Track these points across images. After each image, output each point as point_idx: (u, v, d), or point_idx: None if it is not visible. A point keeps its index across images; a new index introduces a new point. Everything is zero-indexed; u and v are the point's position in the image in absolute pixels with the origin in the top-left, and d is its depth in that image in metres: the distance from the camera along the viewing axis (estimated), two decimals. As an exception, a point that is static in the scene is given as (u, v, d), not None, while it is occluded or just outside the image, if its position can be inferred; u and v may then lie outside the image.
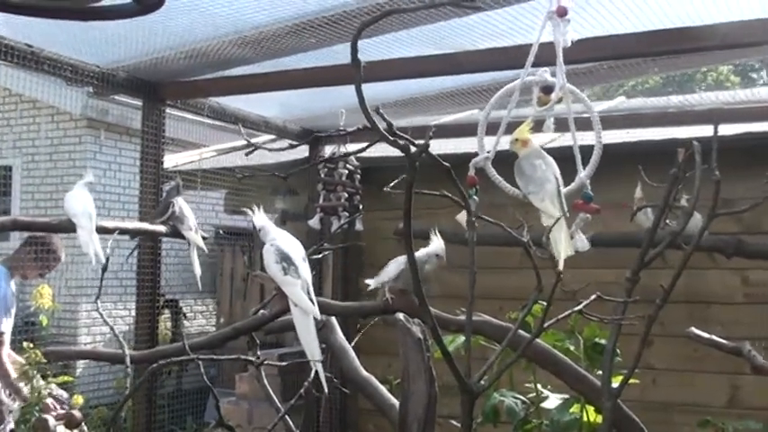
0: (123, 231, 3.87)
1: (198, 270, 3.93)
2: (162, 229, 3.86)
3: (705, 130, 3.77)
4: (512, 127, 2.50)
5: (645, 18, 3.14)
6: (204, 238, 3.96)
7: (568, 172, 2.45)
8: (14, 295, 4.41)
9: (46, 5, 1.43)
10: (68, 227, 3.41)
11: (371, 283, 2.53)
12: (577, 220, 2.48)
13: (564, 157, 2.48)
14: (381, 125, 1.60)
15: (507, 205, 2.33)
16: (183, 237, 3.91)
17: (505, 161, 2.50)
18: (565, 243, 2.28)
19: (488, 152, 2.53)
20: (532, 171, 2.38)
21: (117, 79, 3.87)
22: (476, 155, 2.56)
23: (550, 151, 2.46)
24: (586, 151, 2.48)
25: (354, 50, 1.47)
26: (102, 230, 3.45)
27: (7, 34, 3.36)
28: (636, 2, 3.03)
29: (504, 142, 2.54)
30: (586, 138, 2.53)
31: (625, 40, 3.16)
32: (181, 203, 3.88)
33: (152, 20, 3.24)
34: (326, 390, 2.24)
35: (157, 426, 4.31)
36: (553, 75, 2.50)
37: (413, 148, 1.58)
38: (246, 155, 1.78)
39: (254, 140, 5.16)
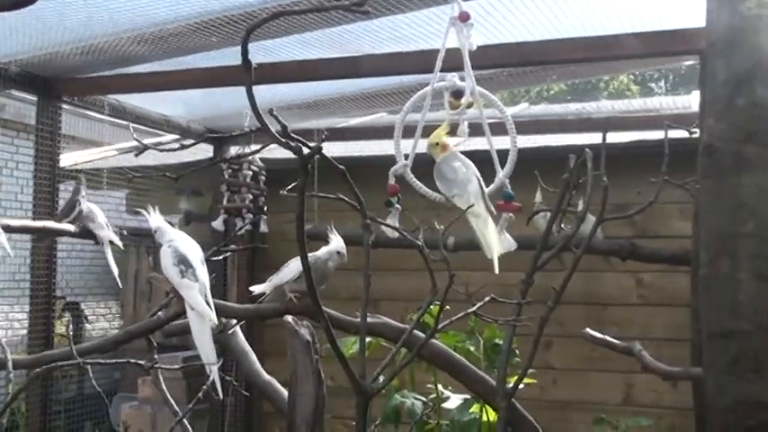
0: (28, 230, 3.72)
1: (115, 269, 3.80)
2: (71, 228, 3.72)
3: (600, 138, 3.91)
4: (426, 131, 2.55)
5: (542, 27, 3.23)
6: (121, 236, 3.83)
7: (485, 175, 2.49)
8: None
9: None
10: None
11: (263, 288, 2.49)
12: (501, 220, 2.53)
13: (479, 160, 2.53)
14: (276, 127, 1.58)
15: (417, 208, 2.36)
16: (92, 236, 3.78)
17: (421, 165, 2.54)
18: (496, 241, 2.33)
19: (406, 155, 2.55)
20: (453, 174, 2.41)
21: (9, 74, 3.72)
22: (383, 157, 2.59)
23: (466, 155, 2.50)
24: (501, 155, 2.54)
25: (245, 52, 1.45)
26: (6, 229, 3.29)
27: None
28: (536, 13, 3.11)
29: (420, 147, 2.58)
30: (497, 140, 2.59)
31: (523, 48, 3.23)
32: (87, 202, 3.75)
33: (47, 13, 3.15)
34: (221, 394, 2.21)
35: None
36: (462, 79, 2.55)
37: (306, 151, 1.57)
38: (136, 155, 1.74)
39: (157, 140, 5.07)
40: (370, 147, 5.07)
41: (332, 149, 4.91)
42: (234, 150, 4.98)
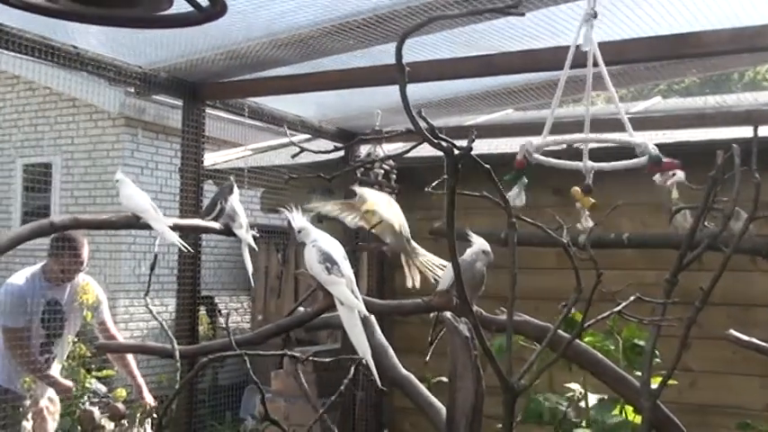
0: (178, 228, 3.90)
1: (250, 268, 3.91)
2: (216, 226, 3.83)
3: (743, 132, 3.75)
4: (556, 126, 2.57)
5: (682, 19, 3.15)
6: (255, 238, 3.96)
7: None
8: (40, 294, 4.24)
9: (112, 15, 1.48)
10: (129, 223, 3.39)
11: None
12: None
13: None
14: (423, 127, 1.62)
15: (545, 206, 2.37)
16: (235, 235, 3.89)
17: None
18: None
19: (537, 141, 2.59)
20: None
21: (158, 80, 3.94)
22: (512, 155, 2.61)
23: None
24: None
25: (399, 55, 1.50)
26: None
27: (50, 35, 3.42)
28: (677, 4, 3.03)
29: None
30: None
31: (664, 41, 3.15)
32: (233, 202, 3.86)
33: (192, 22, 3.31)
34: (379, 385, 2.28)
35: (198, 420, 4.37)
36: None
37: (455, 151, 1.60)
38: (293, 157, 1.82)
39: (288, 140, 5.23)
40: (497, 144, 5.04)
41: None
42: (364, 149, 5.06)
